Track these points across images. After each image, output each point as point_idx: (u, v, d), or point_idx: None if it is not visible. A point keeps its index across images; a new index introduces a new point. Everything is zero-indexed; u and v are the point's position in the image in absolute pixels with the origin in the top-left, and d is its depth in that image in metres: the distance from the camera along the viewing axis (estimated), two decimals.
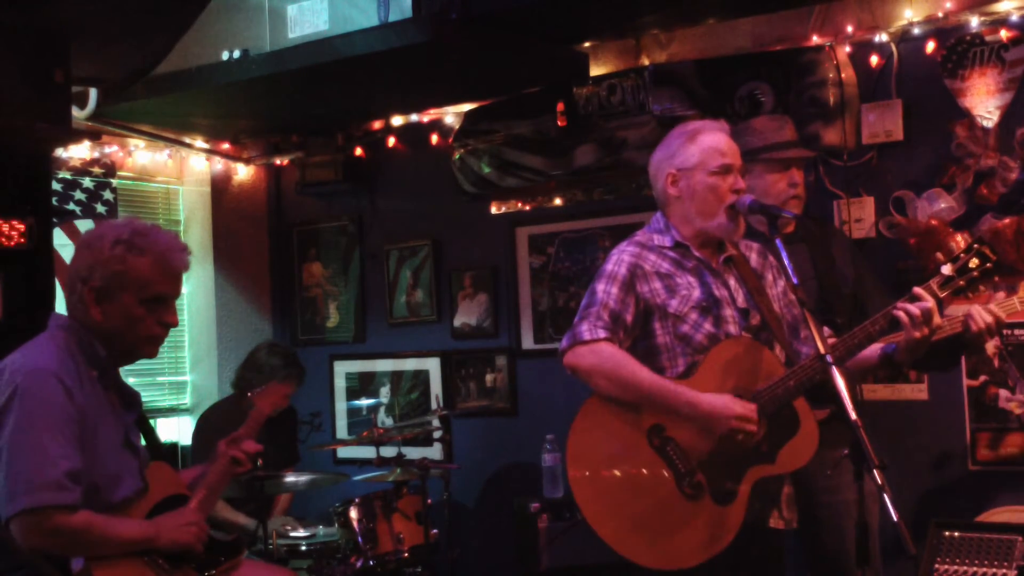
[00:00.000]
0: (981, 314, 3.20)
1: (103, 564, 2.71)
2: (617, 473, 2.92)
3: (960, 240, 4.18)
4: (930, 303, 2.86)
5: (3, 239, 4.27)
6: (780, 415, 2.87)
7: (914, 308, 2.85)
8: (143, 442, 3.03)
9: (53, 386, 2.68)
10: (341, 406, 6.02)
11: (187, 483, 3.05)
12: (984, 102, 4.20)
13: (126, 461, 2.85)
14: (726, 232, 3.01)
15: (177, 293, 2.93)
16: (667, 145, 3.09)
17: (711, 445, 2.88)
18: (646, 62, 4.92)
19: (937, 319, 2.90)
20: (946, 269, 2.93)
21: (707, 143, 3.01)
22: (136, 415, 2.98)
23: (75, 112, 4.90)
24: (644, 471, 2.91)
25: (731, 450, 2.87)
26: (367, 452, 4.95)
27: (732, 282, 3.04)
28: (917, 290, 2.90)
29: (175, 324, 2.94)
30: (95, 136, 5.15)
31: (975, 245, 2.93)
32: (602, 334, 2.96)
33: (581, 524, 4.06)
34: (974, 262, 2.92)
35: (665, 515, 2.88)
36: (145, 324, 2.86)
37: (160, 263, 2.85)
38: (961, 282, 2.92)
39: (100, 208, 5.48)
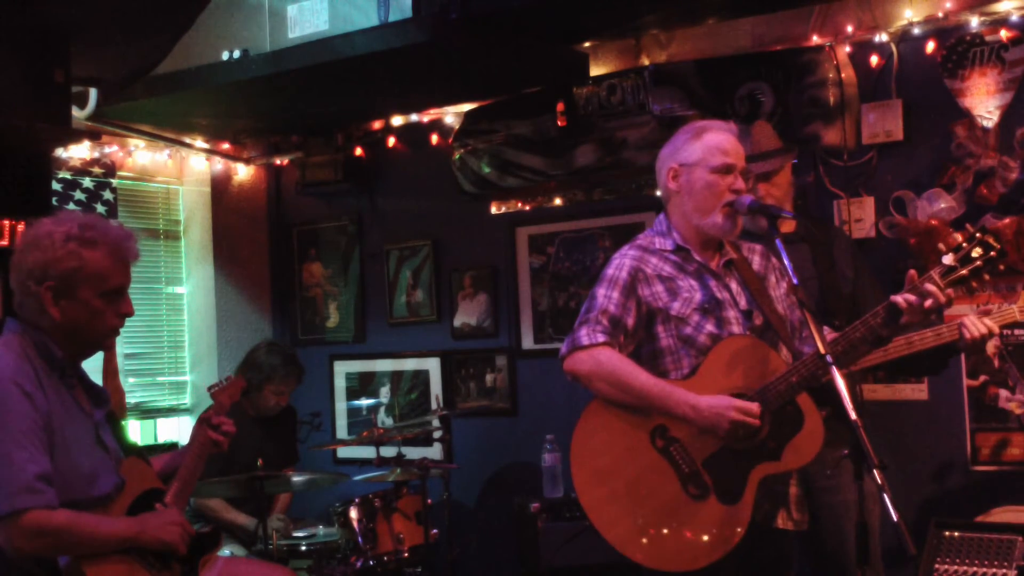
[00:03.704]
0: (976, 324, 3.19)
1: (91, 560, 2.72)
2: (622, 476, 2.92)
3: (960, 238, 4.17)
4: (932, 291, 2.81)
5: (3, 239, 4.27)
6: (784, 412, 2.86)
7: (913, 296, 2.82)
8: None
9: (11, 392, 2.67)
10: (341, 406, 6.02)
11: (158, 471, 3.06)
12: (984, 102, 4.20)
13: (100, 458, 2.85)
14: (721, 232, 3.01)
15: (130, 283, 2.91)
16: (673, 141, 3.10)
17: (715, 444, 2.88)
18: (646, 62, 4.92)
19: (938, 296, 2.83)
20: (948, 259, 2.87)
21: (711, 141, 3.01)
22: (106, 412, 2.97)
23: (75, 112, 4.90)
24: (648, 473, 2.90)
25: (736, 448, 2.87)
26: (367, 452, 4.95)
27: (734, 285, 3.04)
28: (912, 273, 2.88)
29: (131, 314, 2.91)
30: (95, 136, 5.15)
31: (978, 234, 2.88)
32: (601, 338, 2.96)
33: (582, 525, 4.07)
34: (977, 251, 2.86)
35: (671, 517, 2.87)
36: (105, 317, 2.84)
37: (114, 254, 2.83)
38: (964, 272, 2.85)
39: (100, 208, 5.48)
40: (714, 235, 3.02)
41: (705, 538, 2.84)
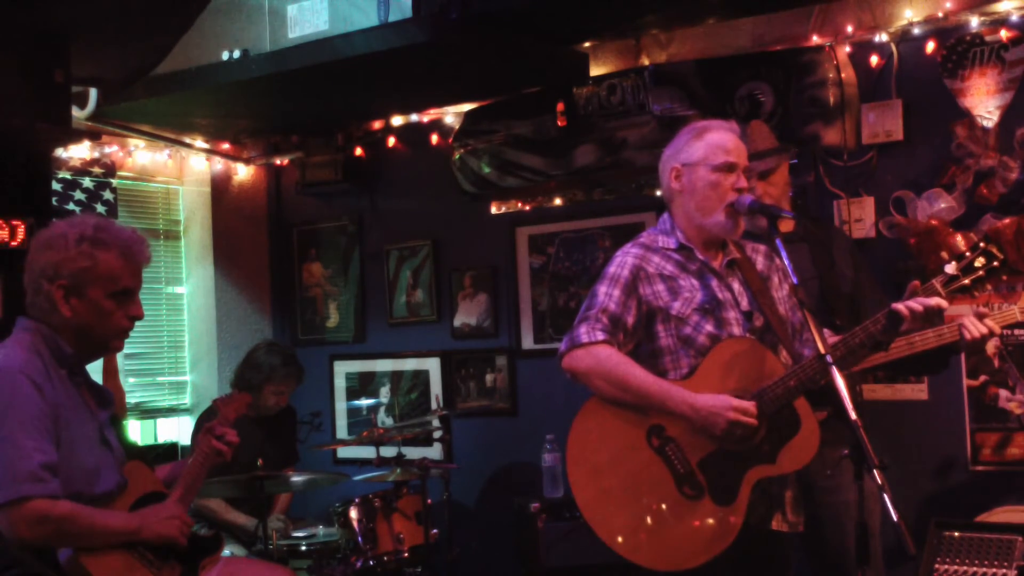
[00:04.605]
0: (976, 325, 3.19)
1: (91, 554, 2.74)
2: (617, 474, 2.92)
3: (960, 240, 4.18)
4: (933, 301, 2.83)
5: (3, 239, 4.27)
6: (781, 415, 2.86)
7: (916, 304, 2.82)
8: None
9: (21, 383, 2.70)
10: (341, 406, 6.02)
11: (162, 479, 3.08)
12: (984, 102, 4.20)
13: (103, 456, 2.87)
14: (724, 231, 3.00)
15: (140, 286, 2.94)
16: (675, 142, 3.10)
17: (711, 445, 2.88)
18: (646, 62, 4.92)
19: (942, 305, 2.86)
20: (950, 268, 2.90)
21: (713, 140, 3.01)
22: (110, 413, 2.99)
23: (75, 112, 4.90)
24: (644, 472, 2.90)
25: (731, 450, 2.87)
26: (367, 452, 4.95)
27: (736, 285, 3.03)
28: (916, 283, 2.89)
29: (141, 317, 2.95)
30: (95, 136, 5.16)
31: (981, 244, 2.90)
32: (600, 336, 2.96)
33: (582, 525, 4.09)
34: (980, 261, 2.88)
35: (665, 516, 2.88)
36: (114, 318, 2.87)
37: (126, 256, 2.87)
38: (966, 281, 2.88)
39: (100, 208, 5.48)
40: (717, 234, 3.02)
41: (698, 538, 2.85)
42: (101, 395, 2.98)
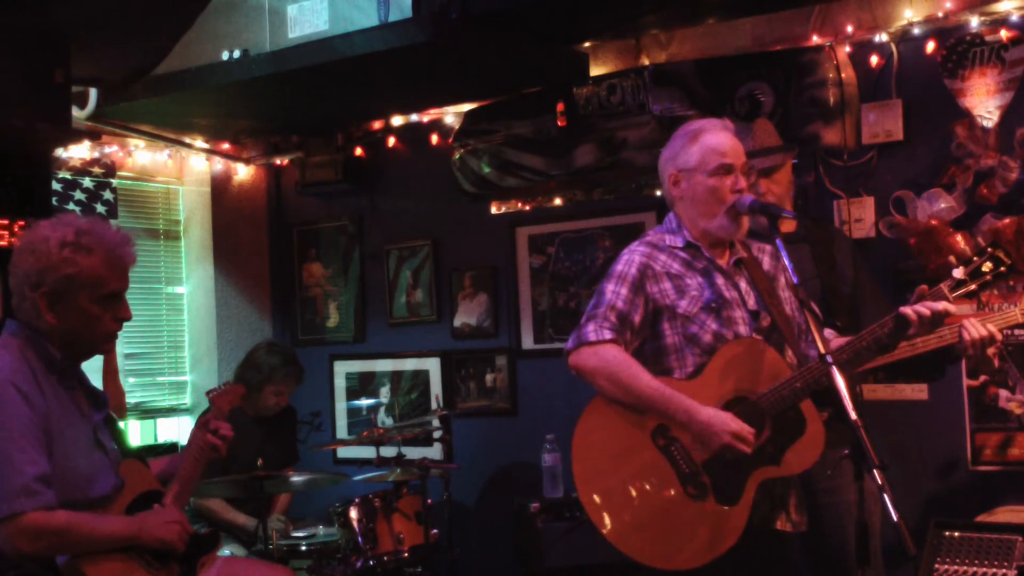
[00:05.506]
0: (976, 327, 3.19)
1: (90, 559, 2.73)
2: (621, 473, 2.92)
3: (960, 240, 4.18)
4: (940, 306, 2.83)
5: (3, 239, 4.27)
6: (786, 417, 2.86)
7: (924, 309, 2.82)
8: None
9: (9, 394, 2.68)
10: (341, 406, 6.02)
11: (157, 474, 3.07)
12: (984, 102, 4.20)
13: (98, 459, 2.86)
14: (727, 233, 3.00)
15: (127, 287, 2.90)
16: (671, 145, 3.09)
17: None
18: (646, 62, 4.92)
19: (949, 310, 2.85)
20: (958, 272, 2.90)
21: (707, 143, 3.00)
22: (104, 415, 2.97)
23: (75, 112, 4.90)
24: (648, 471, 2.91)
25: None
26: (367, 452, 4.95)
27: (743, 284, 3.03)
28: (923, 287, 2.89)
29: (129, 318, 2.91)
30: (95, 136, 5.16)
31: (989, 249, 2.90)
32: (607, 335, 2.96)
33: (584, 523, 4.09)
34: (987, 266, 2.89)
35: (669, 515, 2.88)
36: (102, 322, 2.84)
37: (110, 260, 2.82)
38: (973, 286, 2.89)
39: (100, 208, 5.48)
40: (721, 237, 3.02)
41: (702, 537, 2.85)
42: (96, 397, 2.96)
